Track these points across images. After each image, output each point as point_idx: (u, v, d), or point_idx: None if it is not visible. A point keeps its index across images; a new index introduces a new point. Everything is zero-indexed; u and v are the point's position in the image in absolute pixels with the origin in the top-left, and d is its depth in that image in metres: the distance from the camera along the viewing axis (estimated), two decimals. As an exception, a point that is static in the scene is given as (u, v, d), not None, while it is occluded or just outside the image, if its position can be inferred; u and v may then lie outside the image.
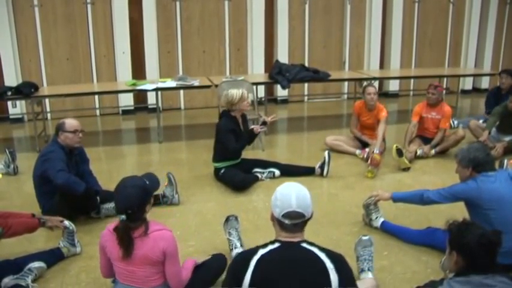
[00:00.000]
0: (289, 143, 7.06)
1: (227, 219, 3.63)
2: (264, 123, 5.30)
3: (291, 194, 2.34)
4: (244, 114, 5.23)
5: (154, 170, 5.47)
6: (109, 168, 5.59)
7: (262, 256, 2.25)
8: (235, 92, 5.01)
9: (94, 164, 4.59)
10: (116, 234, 2.64)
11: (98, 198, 4.10)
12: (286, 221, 2.32)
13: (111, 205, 4.19)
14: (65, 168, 3.84)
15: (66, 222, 3.59)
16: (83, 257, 3.63)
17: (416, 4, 9.62)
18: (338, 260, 2.29)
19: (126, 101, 8.17)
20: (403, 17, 9.52)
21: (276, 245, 2.31)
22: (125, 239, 2.62)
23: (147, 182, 2.80)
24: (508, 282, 2.23)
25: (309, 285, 2.20)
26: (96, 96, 7.95)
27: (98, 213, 4.16)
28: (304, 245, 2.32)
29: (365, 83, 8.31)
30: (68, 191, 3.80)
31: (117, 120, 8.08)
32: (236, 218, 3.64)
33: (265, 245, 2.32)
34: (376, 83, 7.77)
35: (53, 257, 3.51)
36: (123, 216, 2.64)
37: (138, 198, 2.66)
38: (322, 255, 2.26)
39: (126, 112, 8.27)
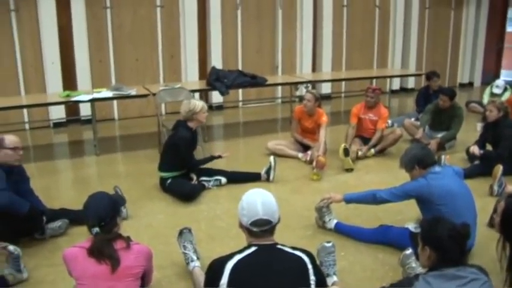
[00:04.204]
0: (230, 149, 6.94)
1: (181, 233, 3.53)
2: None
3: (257, 202, 2.40)
4: (195, 129, 5.15)
5: (96, 185, 5.35)
6: (46, 185, 5.28)
7: (240, 261, 2.30)
8: (197, 102, 5.02)
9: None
10: (93, 251, 2.57)
11: (44, 218, 3.87)
12: (255, 229, 2.39)
13: (56, 224, 3.98)
14: (6, 187, 3.59)
15: (11, 247, 3.33)
16: (30, 283, 3.39)
17: (345, 8, 9.92)
18: (311, 255, 2.44)
19: (58, 113, 7.79)
20: (332, 21, 9.78)
21: (253, 248, 2.36)
22: (107, 251, 2.56)
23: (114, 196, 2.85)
24: (478, 272, 2.35)
25: (291, 283, 2.29)
26: (25, 110, 7.53)
27: (43, 234, 3.91)
28: (279, 246, 2.40)
29: (299, 87, 8.48)
30: (10, 212, 3.55)
31: (49, 133, 7.70)
32: (190, 230, 3.56)
33: (240, 251, 2.37)
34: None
35: (-5, 287, 3.27)
36: (97, 229, 2.61)
37: (110, 209, 2.69)
38: (299, 253, 2.39)
39: (57, 125, 7.89)
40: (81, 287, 2.59)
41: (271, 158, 5.37)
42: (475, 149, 5.46)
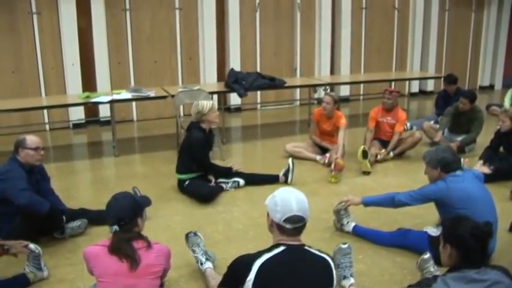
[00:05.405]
0: (248, 151, 7.04)
1: (187, 237, 3.56)
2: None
3: (291, 198, 2.42)
4: (210, 128, 5.17)
5: (115, 185, 5.40)
6: (65, 185, 5.34)
7: (268, 259, 2.31)
8: (205, 103, 5.03)
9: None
10: (113, 249, 2.62)
11: (64, 217, 3.92)
12: (288, 226, 2.38)
13: (75, 224, 4.03)
14: (27, 187, 3.65)
15: (32, 246, 3.38)
16: (50, 281, 3.44)
17: (364, 11, 9.88)
18: (332, 258, 2.50)
19: (77, 114, 7.90)
20: (351, 24, 9.75)
21: (281, 248, 2.36)
22: (125, 249, 2.62)
23: (138, 198, 2.97)
24: (501, 275, 2.31)
25: (318, 285, 2.33)
26: (45, 111, 7.64)
27: (62, 234, 3.97)
28: (307, 247, 2.41)
29: (317, 89, 8.47)
30: (31, 211, 3.61)
31: (68, 134, 7.81)
32: (195, 233, 3.58)
33: (269, 249, 2.37)
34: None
35: (17, 285, 3.30)
36: (116, 227, 2.70)
37: (130, 209, 2.74)
38: (324, 255, 2.42)
39: (77, 126, 7.99)
40: (102, 284, 2.63)
41: (290, 160, 5.37)
42: (484, 170, 5.12)
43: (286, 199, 2.40)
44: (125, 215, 2.72)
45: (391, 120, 6.19)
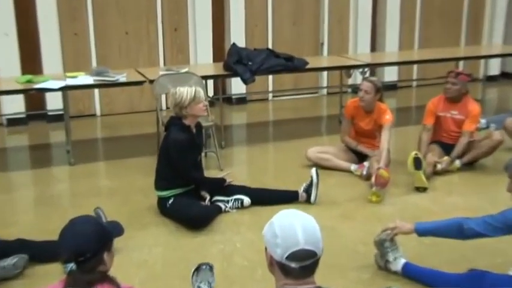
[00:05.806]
0: (255, 157, 7.09)
1: (198, 268, 3.62)
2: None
3: (295, 226, 2.33)
4: (199, 124, 5.22)
5: (68, 206, 5.47)
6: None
7: None
8: (185, 91, 5.02)
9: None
10: None
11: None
12: (293, 265, 2.31)
13: (9, 261, 3.99)
14: None
15: None
16: None
17: (419, -39, 9.96)
18: None
19: (14, 106, 7.93)
20: (401, -20, 9.82)
21: None
22: None
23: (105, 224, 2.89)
24: None
25: None
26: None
27: (-11, 276, 3.97)
28: None
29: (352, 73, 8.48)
30: None
31: (1, 134, 7.91)
32: (211, 267, 3.65)
33: None
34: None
35: None
36: (72, 265, 2.61)
37: (93, 239, 2.64)
38: None
39: (14, 122, 8.07)
40: None
41: (313, 170, 5.39)
42: None
43: (288, 227, 2.33)
44: (86, 248, 2.62)
45: (457, 115, 6.18)
